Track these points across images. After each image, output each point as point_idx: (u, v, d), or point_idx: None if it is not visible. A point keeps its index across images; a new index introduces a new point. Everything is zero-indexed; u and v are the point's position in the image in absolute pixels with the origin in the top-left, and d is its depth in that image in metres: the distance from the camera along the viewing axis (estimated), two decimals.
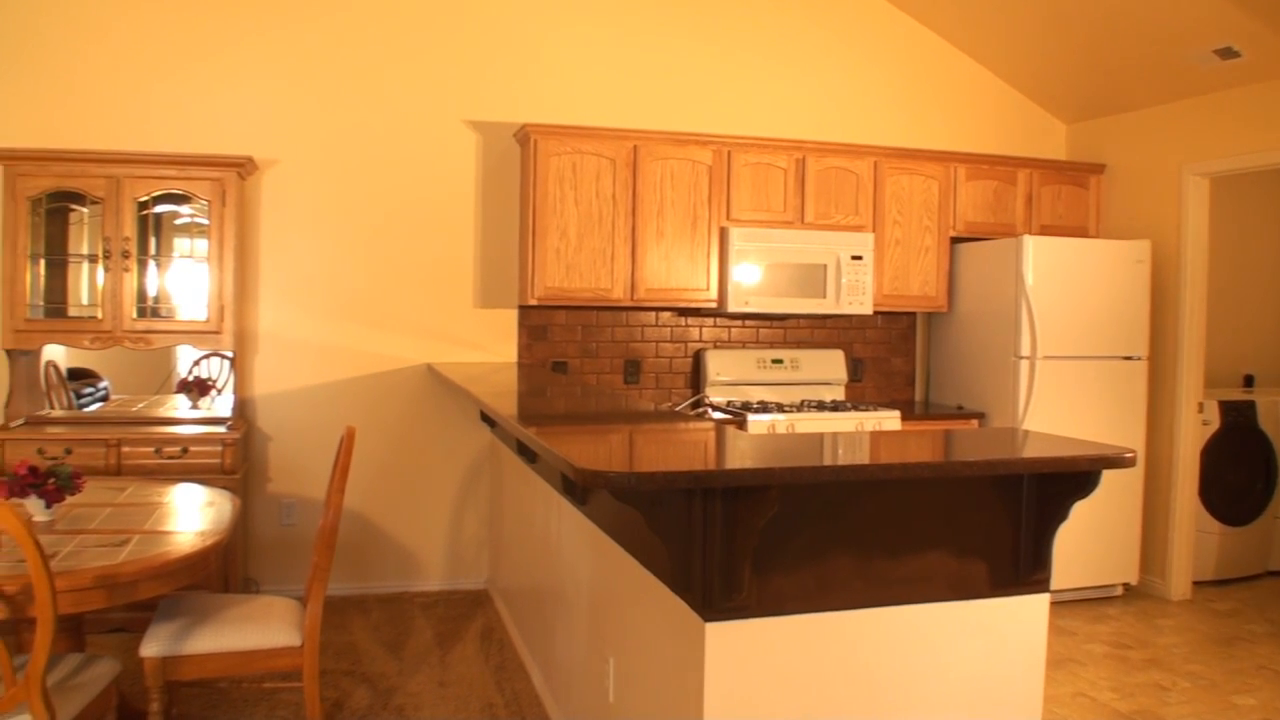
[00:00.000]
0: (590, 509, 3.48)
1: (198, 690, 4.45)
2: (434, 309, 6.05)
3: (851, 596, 2.67)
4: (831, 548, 2.64)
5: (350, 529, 5.85)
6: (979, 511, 2.80)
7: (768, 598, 2.58)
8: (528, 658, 4.81)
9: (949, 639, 2.77)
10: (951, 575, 2.77)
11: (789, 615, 2.61)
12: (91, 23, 5.64)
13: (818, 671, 2.65)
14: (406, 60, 5.98)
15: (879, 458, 2.77)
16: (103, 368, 6.00)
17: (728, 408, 5.92)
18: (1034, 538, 2.82)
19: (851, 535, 2.67)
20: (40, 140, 5.50)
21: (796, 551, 2.60)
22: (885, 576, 2.70)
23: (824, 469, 2.50)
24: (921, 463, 2.61)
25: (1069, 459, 2.66)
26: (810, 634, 2.63)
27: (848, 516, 2.67)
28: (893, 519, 2.71)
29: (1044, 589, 2.86)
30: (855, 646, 2.68)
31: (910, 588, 2.73)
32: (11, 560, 3.07)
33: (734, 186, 5.93)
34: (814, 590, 2.63)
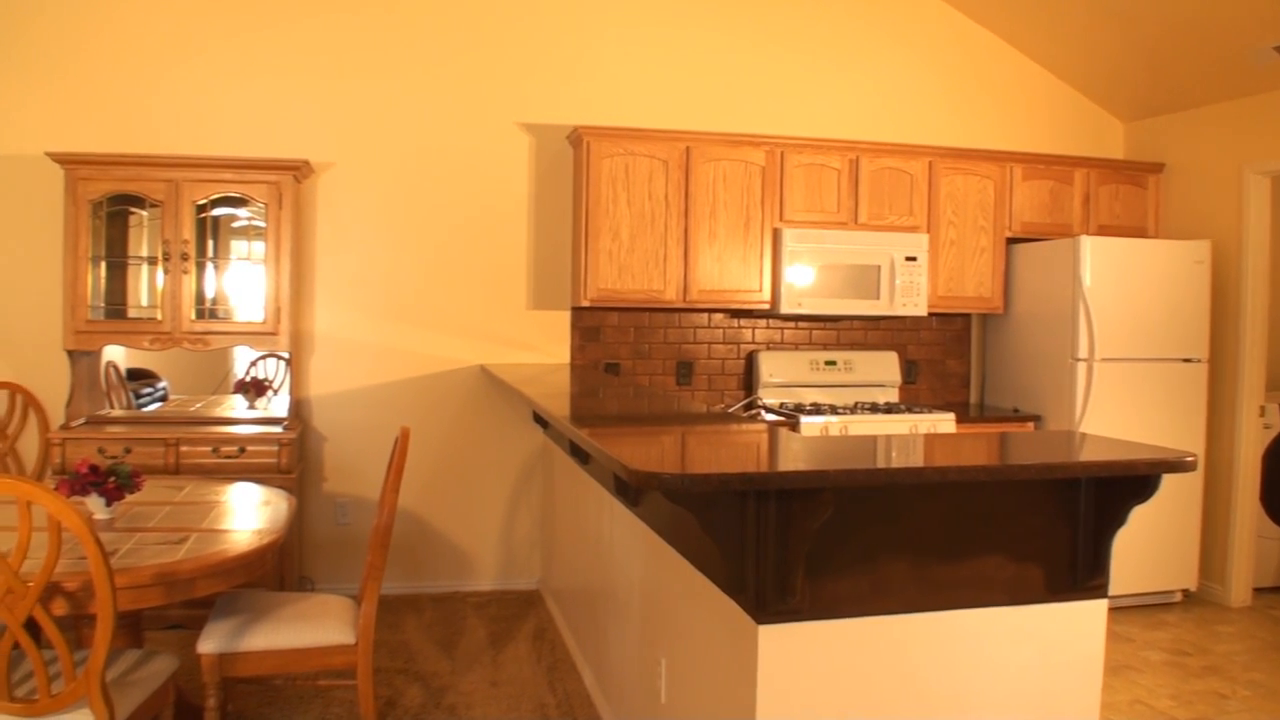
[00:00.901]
0: (643, 510, 3.47)
1: (253, 687, 4.50)
2: (487, 310, 6.08)
3: (906, 600, 2.65)
4: (885, 551, 2.63)
5: (404, 528, 5.90)
6: (1036, 516, 2.76)
7: (821, 601, 2.56)
8: (579, 658, 4.82)
9: (1005, 644, 2.74)
10: (1008, 580, 2.74)
11: (842, 619, 2.59)
12: (151, 30, 5.73)
13: (871, 676, 2.63)
14: (460, 64, 6.01)
15: (934, 460, 2.75)
16: (161, 368, 6.09)
17: (780, 409, 5.89)
18: (1092, 542, 2.78)
19: (906, 538, 2.65)
20: (101, 145, 5.60)
21: (850, 554, 2.59)
22: (940, 580, 2.68)
23: (878, 472, 2.48)
24: (977, 466, 2.58)
25: (1128, 462, 2.62)
26: (864, 638, 2.61)
27: (902, 520, 2.65)
28: (948, 522, 2.69)
29: (1102, 594, 2.82)
30: (909, 651, 2.66)
31: (965, 592, 2.70)
32: (72, 557, 3.12)
33: (787, 187, 5.91)
34: (868, 594, 2.61)
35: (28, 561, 2.82)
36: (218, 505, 4.08)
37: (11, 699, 2.92)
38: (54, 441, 5.22)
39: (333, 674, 4.11)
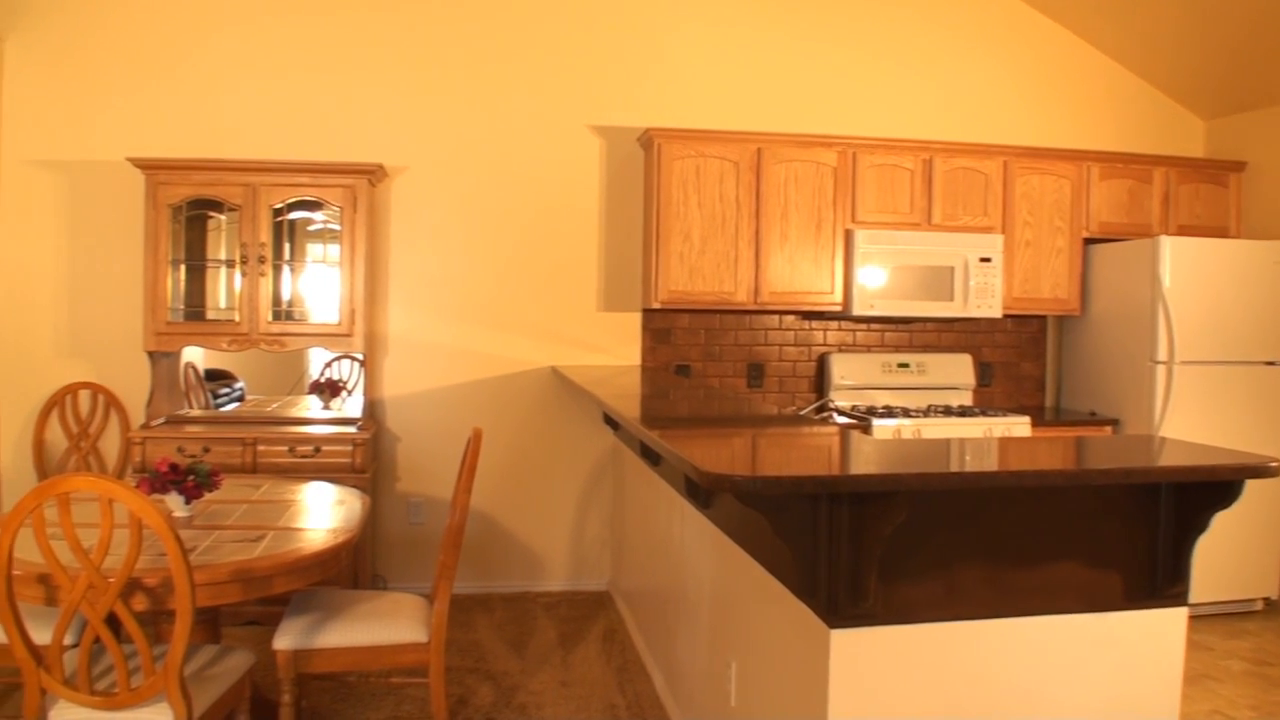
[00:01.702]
0: (714, 512, 3.46)
1: (327, 683, 4.56)
2: (558, 312, 6.10)
3: (980, 606, 2.61)
4: (960, 556, 2.59)
5: (476, 528, 5.94)
6: (1114, 521, 2.71)
7: (894, 605, 2.54)
8: (649, 659, 4.81)
9: (1081, 652, 2.69)
10: (1085, 586, 2.69)
11: (916, 624, 2.56)
12: (229, 37, 5.83)
13: (945, 682, 2.59)
14: (532, 67, 6.05)
15: (1008, 464, 2.70)
16: (238, 369, 6.20)
17: (852, 412, 5.85)
18: (1172, 549, 2.72)
19: (981, 543, 2.61)
20: (180, 150, 5.71)
21: (924, 559, 2.55)
22: (1015, 586, 2.64)
23: (954, 476, 2.44)
24: (1055, 470, 2.53)
25: (1210, 468, 2.56)
26: (937, 643, 2.58)
27: (977, 524, 2.61)
28: (1024, 528, 2.64)
29: (1181, 602, 2.76)
30: (984, 657, 2.62)
31: (1041, 598, 2.66)
32: (152, 554, 3.18)
33: (859, 188, 5.86)
34: (941, 599, 2.58)
35: (109, 558, 2.87)
36: (293, 504, 4.14)
37: (92, 692, 2.97)
38: (134, 440, 5.33)
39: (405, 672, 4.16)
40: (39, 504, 2.82)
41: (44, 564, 2.93)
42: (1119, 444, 3.66)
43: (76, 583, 2.86)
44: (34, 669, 2.96)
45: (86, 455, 5.77)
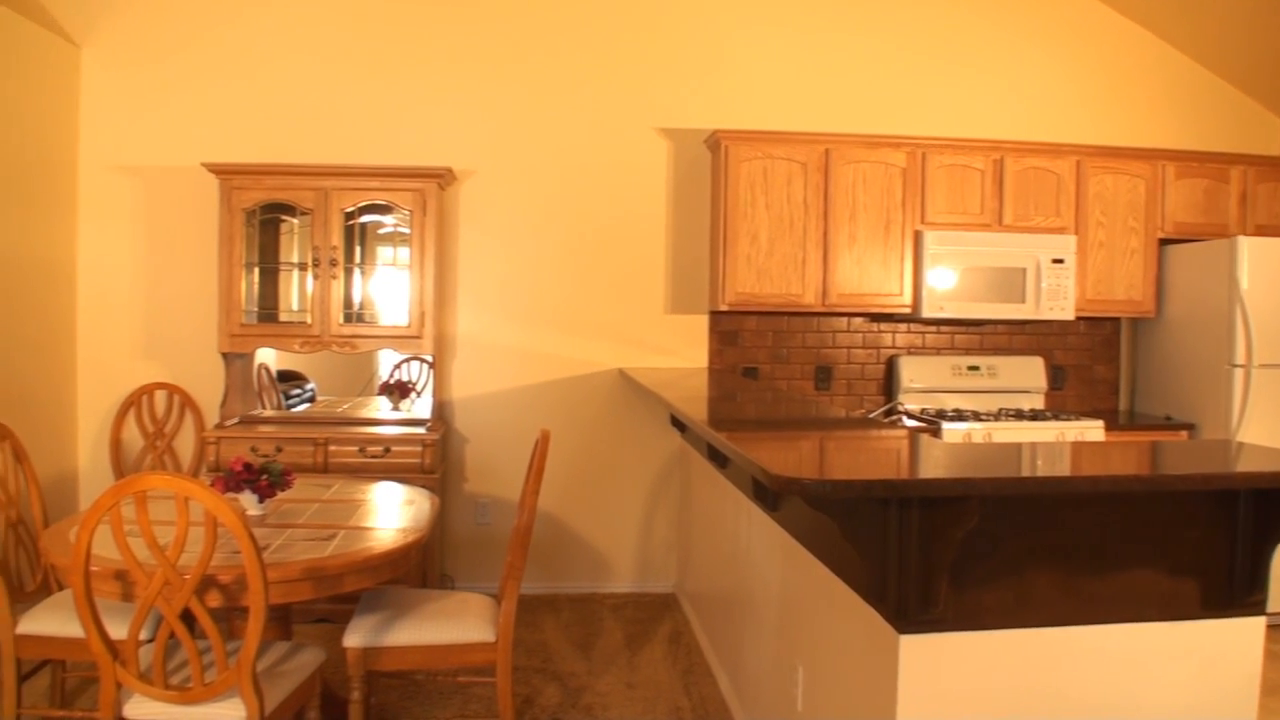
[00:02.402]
0: (781, 515, 3.45)
1: (395, 681, 4.60)
2: (625, 314, 6.11)
3: (1052, 614, 2.57)
4: (1032, 562, 2.55)
5: (543, 529, 5.97)
6: (1190, 528, 2.65)
7: (964, 611, 2.50)
8: (715, 662, 4.80)
9: (1156, 661, 2.63)
10: (1160, 595, 2.64)
11: (986, 631, 2.52)
12: (299, 44, 5.92)
13: (1016, 690, 2.56)
14: (599, 70, 6.07)
15: (1082, 469, 2.65)
16: (309, 370, 6.28)
17: (922, 415, 5.79)
18: (1251, 557, 2.66)
19: (1053, 550, 2.57)
20: (254, 155, 5.80)
21: (995, 565, 2.52)
22: (1089, 594, 2.59)
23: (1027, 480, 2.41)
24: (1130, 475, 2.48)
25: None
26: (1009, 651, 2.54)
27: (1049, 530, 2.57)
28: (1097, 534, 2.60)
29: (1260, 611, 2.69)
30: (1056, 666, 2.58)
31: (1115, 607, 2.61)
32: (226, 551, 3.23)
33: (928, 189, 5.81)
34: (1013, 606, 2.54)
35: (184, 555, 2.93)
36: (363, 503, 4.18)
37: (167, 686, 3.03)
38: (209, 440, 5.42)
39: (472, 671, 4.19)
40: (117, 502, 2.88)
41: (121, 560, 2.99)
42: (1196, 449, 3.58)
43: (153, 579, 2.92)
44: (110, 663, 3.02)
45: (162, 454, 5.87)
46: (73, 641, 3.68)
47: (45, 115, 5.60)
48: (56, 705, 4.17)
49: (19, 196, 5.34)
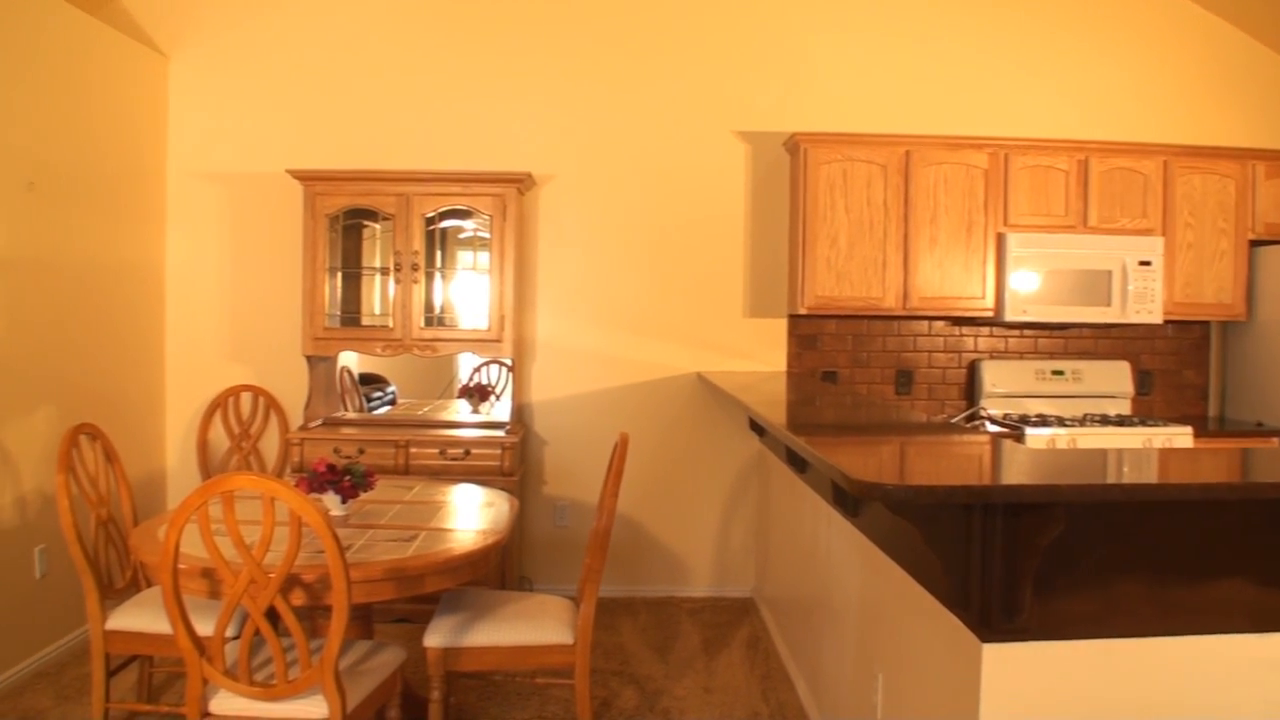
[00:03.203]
0: (862, 520, 3.42)
1: (474, 681, 4.64)
2: (704, 318, 6.10)
3: (1140, 623, 2.51)
4: (1119, 570, 2.50)
5: (621, 532, 5.98)
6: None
7: (1049, 620, 2.46)
8: (793, 668, 4.77)
9: (1248, 674, 2.56)
10: (1252, 605, 2.56)
11: (1072, 640, 2.47)
12: (380, 53, 6.00)
13: (1101, 701, 2.50)
14: (677, 74, 6.07)
15: (1169, 477, 2.60)
16: (389, 373, 6.36)
17: (1004, 421, 5.71)
18: None
19: (1141, 558, 2.51)
20: (336, 162, 5.90)
21: (1081, 573, 2.47)
22: (1178, 604, 2.53)
23: (1114, 488, 2.36)
24: (1220, 483, 2.42)
25: None
26: (1095, 661, 2.49)
27: (1136, 538, 2.51)
28: (1186, 543, 2.53)
29: None
30: (1144, 677, 2.52)
31: (1205, 617, 2.54)
32: (310, 551, 3.27)
33: (1011, 190, 5.72)
34: (1099, 615, 2.49)
35: (269, 554, 2.98)
36: (444, 505, 4.22)
37: (251, 683, 3.08)
38: (293, 441, 5.51)
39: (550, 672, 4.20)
40: (204, 501, 2.93)
41: (208, 559, 3.05)
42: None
43: (239, 577, 2.97)
44: (197, 659, 3.08)
45: (247, 455, 5.98)
46: (160, 637, 3.76)
47: (135, 124, 5.74)
48: (144, 700, 4.27)
49: (110, 204, 5.48)
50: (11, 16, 4.63)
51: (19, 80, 4.69)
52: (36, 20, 4.82)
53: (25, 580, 4.78)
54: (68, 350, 5.11)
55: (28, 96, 4.76)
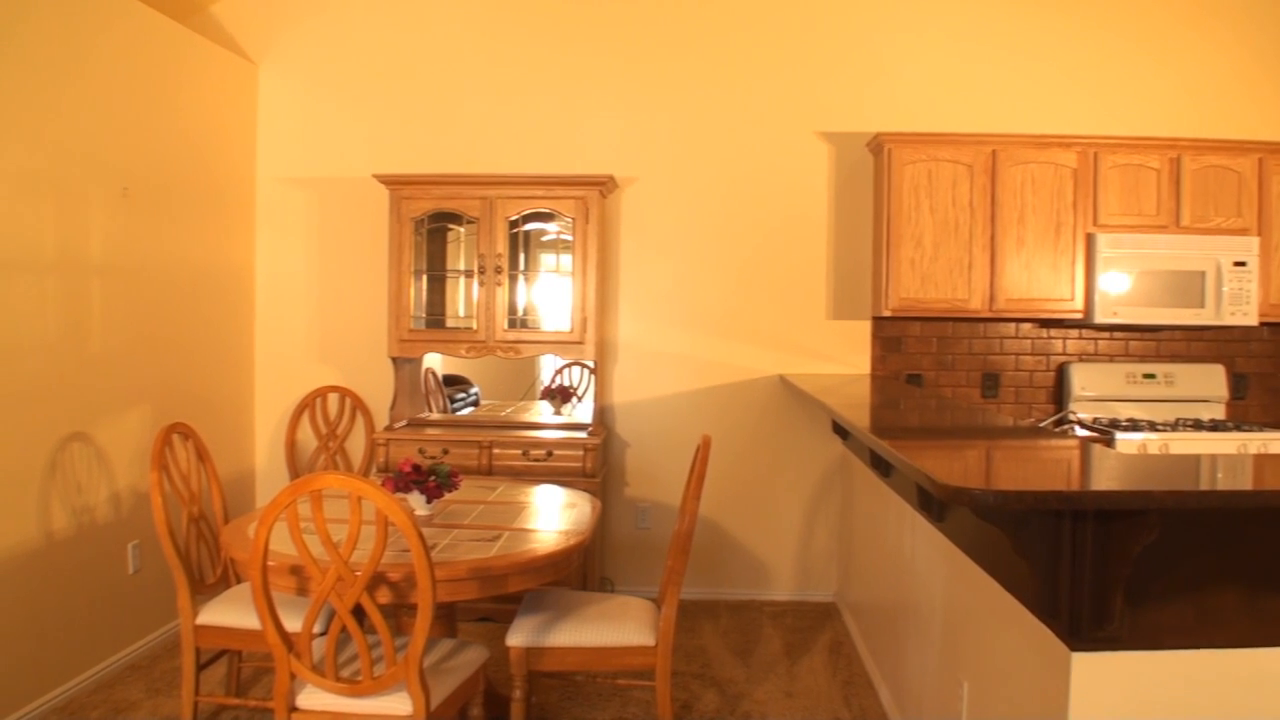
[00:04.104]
0: (947, 525, 3.37)
1: (556, 681, 4.66)
2: (786, 320, 6.07)
3: (1236, 634, 2.44)
4: (1214, 579, 2.43)
5: (703, 535, 5.97)
6: None
7: (1141, 629, 2.40)
8: (876, 674, 4.72)
9: None
10: None
11: (1165, 650, 2.42)
12: (463, 58, 6.06)
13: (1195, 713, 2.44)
14: (758, 75, 6.04)
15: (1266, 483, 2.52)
16: (472, 374, 6.42)
17: (1094, 424, 5.60)
18: None
19: (1236, 567, 2.44)
20: (421, 166, 5.97)
21: (1174, 581, 2.41)
22: (1275, 614, 2.46)
23: (1211, 494, 2.29)
24: None
25: None
26: (1188, 671, 2.43)
27: (1231, 546, 2.44)
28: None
29: None
30: (1238, 688, 2.45)
31: None
32: (396, 550, 3.32)
33: (1101, 190, 5.61)
34: (1193, 624, 2.43)
35: (356, 552, 3.02)
36: (527, 506, 4.25)
37: (338, 678, 3.13)
38: (379, 441, 5.58)
39: (631, 674, 4.21)
40: (293, 500, 2.98)
41: (297, 556, 3.11)
42: None
43: (326, 575, 3.02)
44: (285, 654, 3.13)
45: (334, 455, 6.07)
46: (249, 633, 3.84)
47: (226, 131, 5.87)
48: (232, 693, 4.36)
49: (202, 208, 5.60)
50: (107, 28, 4.76)
51: (114, 90, 4.81)
52: (131, 31, 4.95)
53: (119, 575, 4.90)
54: (161, 352, 5.23)
55: (122, 105, 4.88)
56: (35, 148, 4.28)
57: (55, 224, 4.43)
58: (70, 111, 4.50)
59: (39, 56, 4.28)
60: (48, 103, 4.35)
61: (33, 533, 4.28)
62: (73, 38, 4.50)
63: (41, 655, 4.33)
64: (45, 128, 4.34)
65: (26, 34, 4.21)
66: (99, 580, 4.74)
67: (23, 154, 4.20)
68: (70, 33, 4.48)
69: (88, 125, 4.62)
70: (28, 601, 4.25)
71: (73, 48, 4.50)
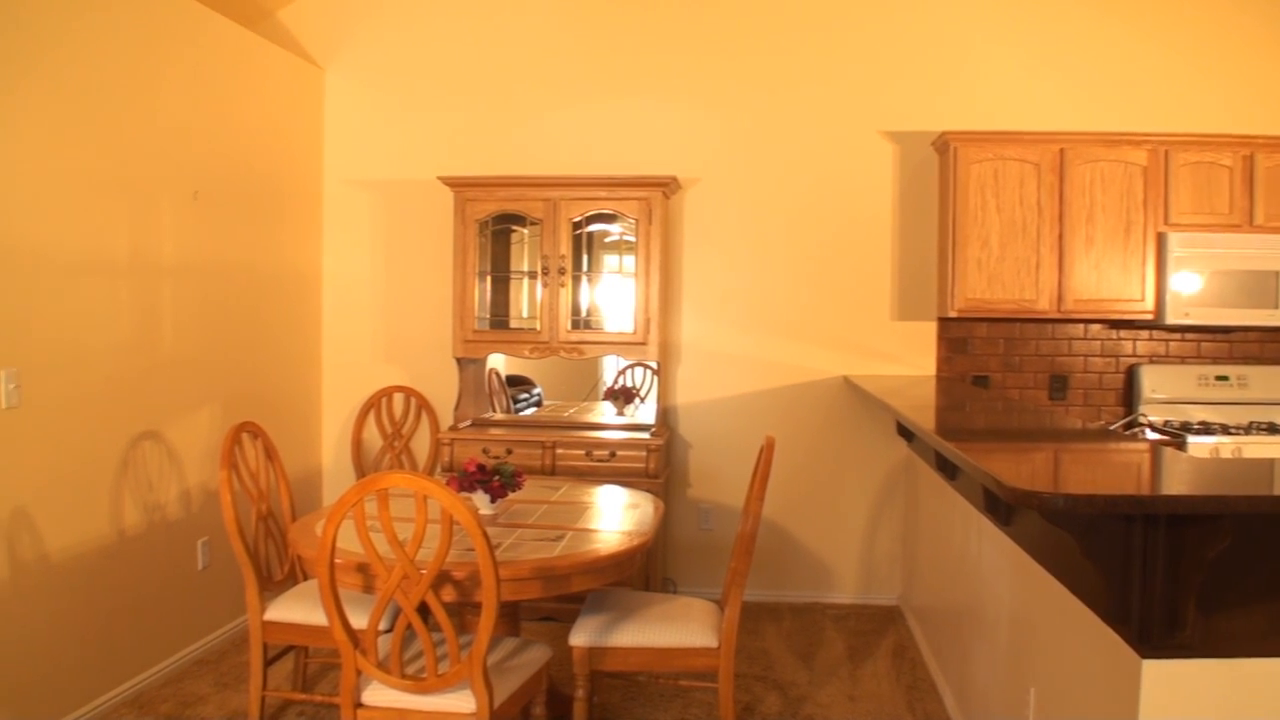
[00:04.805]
0: (1014, 529, 3.33)
1: (618, 681, 4.67)
2: (850, 321, 6.03)
3: None
4: None
5: (765, 537, 5.95)
6: None
7: (1214, 637, 2.36)
8: (940, 679, 4.68)
9: None
10: None
11: (1239, 658, 2.37)
12: (526, 60, 6.11)
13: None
14: (822, 74, 6.01)
15: None
16: (535, 375, 6.45)
17: (1165, 427, 5.51)
18: None
19: None
20: (485, 168, 6.01)
21: (1249, 588, 2.36)
22: None
23: None
24: None
25: None
26: (1263, 680, 2.38)
27: None
28: None
29: None
30: None
31: None
32: (460, 549, 3.34)
33: (1172, 188, 5.51)
34: (1268, 632, 2.38)
35: (421, 550, 3.04)
36: (590, 506, 4.27)
37: (403, 675, 3.16)
38: (443, 441, 5.63)
39: (694, 675, 4.20)
40: (360, 498, 3.02)
41: (363, 554, 3.14)
42: None
43: (392, 573, 3.05)
44: (351, 651, 3.17)
45: (399, 454, 6.13)
46: (316, 629, 3.89)
47: (293, 134, 5.95)
48: (298, 688, 4.42)
49: (270, 211, 5.68)
50: (178, 35, 4.85)
51: (185, 95, 4.90)
52: (201, 38, 5.03)
53: (188, 571, 4.99)
54: (230, 352, 5.31)
55: (193, 110, 4.97)
56: (108, 153, 4.37)
57: (128, 227, 4.52)
58: (143, 117, 4.59)
59: (112, 63, 4.37)
60: (121, 108, 4.43)
61: (106, 529, 4.37)
62: (145, 45, 4.59)
63: (113, 649, 4.41)
64: (119, 133, 4.43)
65: (100, 41, 4.30)
66: (169, 576, 4.83)
67: (96, 159, 4.29)
68: (142, 40, 4.57)
69: (160, 130, 4.71)
70: (100, 596, 4.33)
71: (145, 55, 4.59)
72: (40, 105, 3.96)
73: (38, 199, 3.96)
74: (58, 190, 4.07)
